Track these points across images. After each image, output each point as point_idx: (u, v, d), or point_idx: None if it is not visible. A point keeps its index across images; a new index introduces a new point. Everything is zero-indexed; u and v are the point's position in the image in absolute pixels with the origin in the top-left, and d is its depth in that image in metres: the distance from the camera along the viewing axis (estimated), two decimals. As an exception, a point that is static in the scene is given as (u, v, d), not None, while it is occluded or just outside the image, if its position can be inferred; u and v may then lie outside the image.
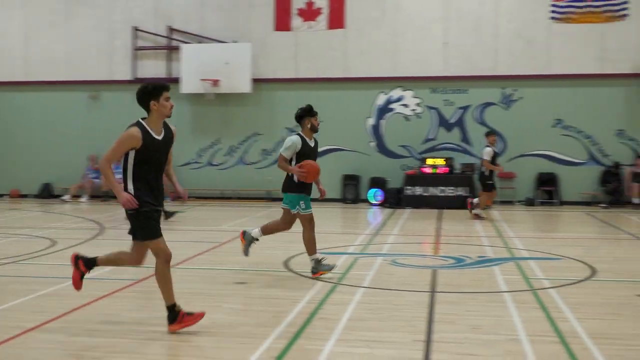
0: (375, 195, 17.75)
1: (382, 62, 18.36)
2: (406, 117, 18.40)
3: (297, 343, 5.54)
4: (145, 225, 5.77)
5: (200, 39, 18.98)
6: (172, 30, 19.17)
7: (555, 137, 17.87)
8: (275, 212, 16.00)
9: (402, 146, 18.38)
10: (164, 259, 5.78)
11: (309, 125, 8.20)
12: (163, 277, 5.79)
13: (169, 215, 13.64)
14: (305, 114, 8.21)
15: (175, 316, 5.75)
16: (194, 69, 18.33)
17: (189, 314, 5.80)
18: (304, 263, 8.89)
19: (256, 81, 18.58)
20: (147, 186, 5.77)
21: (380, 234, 12.38)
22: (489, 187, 14.78)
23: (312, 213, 8.19)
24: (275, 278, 8.24)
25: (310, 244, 8.15)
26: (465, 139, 18.18)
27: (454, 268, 8.94)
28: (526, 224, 14.65)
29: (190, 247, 10.52)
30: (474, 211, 14.70)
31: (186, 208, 16.25)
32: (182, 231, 12.75)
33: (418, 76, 18.18)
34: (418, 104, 18.38)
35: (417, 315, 6.41)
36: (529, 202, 17.71)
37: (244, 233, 8.54)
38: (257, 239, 8.48)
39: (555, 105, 17.76)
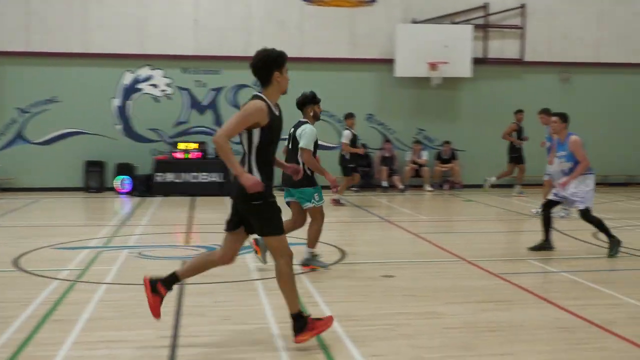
0: (122, 182, 17.25)
1: (128, 37, 17.83)
2: (155, 98, 18.09)
3: (25, 351, 5.21)
4: (272, 217, 5.20)
5: None
6: None
7: (309, 121, 18.66)
8: (9, 202, 14.90)
9: (152, 129, 18.05)
10: (289, 257, 5.26)
11: (311, 113, 8.27)
12: (291, 280, 5.26)
13: None
14: (309, 102, 8.23)
15: (304, 324, 5.22)
16: None
17: (318, 319, 5.31)
18: (37, 260, 8.43)
19: (-20, 54, 17.12)
20: (269, 173, 5.22)
21: (127, 225, 12.06)
22: (349, 171, 15.27)
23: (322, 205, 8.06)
24: (2, 279, 7.68)
25: (315, 237, 8.06)
26: (219, 122, 18.31)
27: (205, 258, 8.97)
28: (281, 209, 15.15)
29: None
30: (333, 197, 14.87)
31: None
32: None
33: (167, 54, 17.95)
34: (168, 85, 18.16)
35: (164, 310, 6.31)
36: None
37: (256, 241, 8.05)
38: None
39: (308, 89, 18.36)
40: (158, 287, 5.43)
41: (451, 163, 18.80)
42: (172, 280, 5.48)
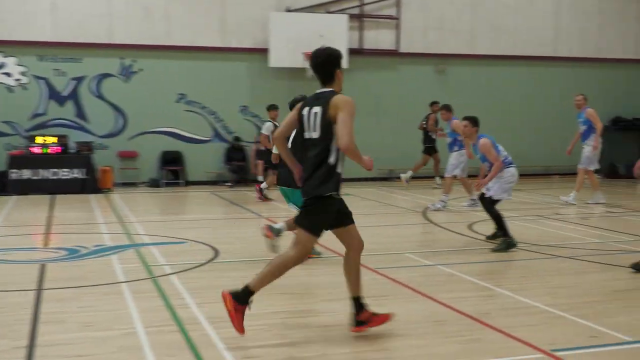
0: (-28, 181, 16.39)
1: (-23, 21, 16.95)
2: (9, 88, 17.28)
3: None
4: (324, 217, 5.50)
5: None
6: None
7: (179, 113, 18.39)
8: None
9: (5, 122, 17.25)
10: (302, 257, 5.52)
11: None
12: (281, 270, 5.51)
13: None
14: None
15: (245, 301, 5.45)
16: None
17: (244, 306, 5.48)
18: None
19: None
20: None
21: (-23, 226, 11.49)
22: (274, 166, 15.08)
23: None
24: None
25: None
26: (80, 114, 17.74)
27: (66, 260, 8.69)
28: (150, 207, 14.91)
29: None
30: (264, 192, 14.92)
31: None
32: None
33: (22, 40, 17.17)
34: (23, 73, 17.39)
35: (20, 317, 6.09)
36: (154, 183, 18.01)
37: (270, 228, 8.46)
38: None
39: (178, 79, 18.26)
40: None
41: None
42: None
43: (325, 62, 5.58)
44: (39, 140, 16.81)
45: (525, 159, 20.25)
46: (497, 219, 9.53)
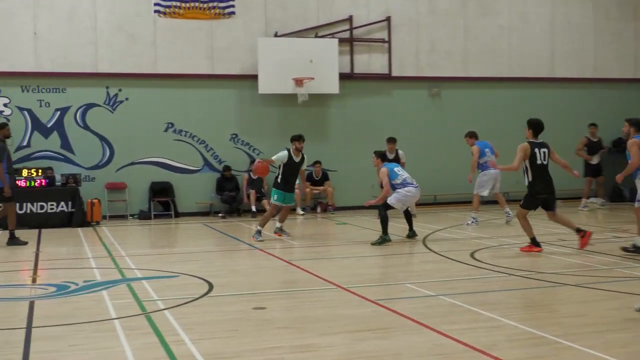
0: (-46, 216, 16.27)
1: (-42, 52, 16.98)
2: (-8, 121, 17.28)
3: None
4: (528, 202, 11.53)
5: None
6: None
7: (167, 143, 18.38)
8: None
9: (-12, 155, 17.20)
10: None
11: (294, 146, 13.64)
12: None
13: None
14: (294, 139, 13.67)
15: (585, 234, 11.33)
16: None
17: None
18: None
19: None
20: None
21: (-39, 264, 11.40)
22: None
23: (280, 205, 13.78)
24: None
25: (265, 219, 13.78)
26: (66, 145, 17.73)
27: (55, 297, 8.62)
28: (140, 240, 14.86)
29: None
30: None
31: None
32: None
33: (4, 71, 17.20)
34: (6, 105, 17.40)
35: (10, 357, 6.02)
36: (144, 216, 17.92)
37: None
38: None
39: (166, 108, 18.27)
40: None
41: (323, 185, 19.01)
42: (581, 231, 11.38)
43: (543, 126, 11.20)
44: (24, 173, 16.74)
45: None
46: (383, 220, 12.63)
